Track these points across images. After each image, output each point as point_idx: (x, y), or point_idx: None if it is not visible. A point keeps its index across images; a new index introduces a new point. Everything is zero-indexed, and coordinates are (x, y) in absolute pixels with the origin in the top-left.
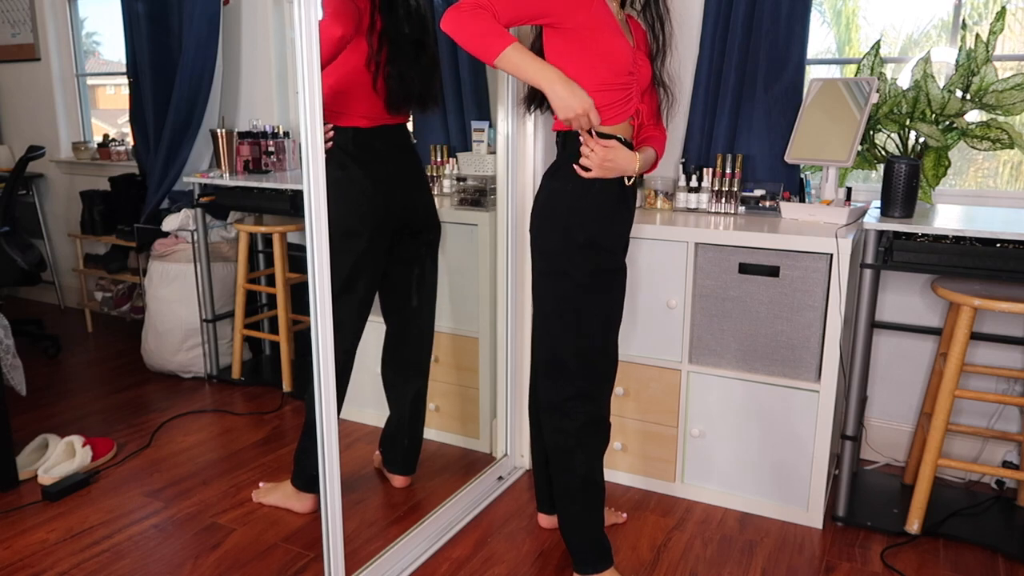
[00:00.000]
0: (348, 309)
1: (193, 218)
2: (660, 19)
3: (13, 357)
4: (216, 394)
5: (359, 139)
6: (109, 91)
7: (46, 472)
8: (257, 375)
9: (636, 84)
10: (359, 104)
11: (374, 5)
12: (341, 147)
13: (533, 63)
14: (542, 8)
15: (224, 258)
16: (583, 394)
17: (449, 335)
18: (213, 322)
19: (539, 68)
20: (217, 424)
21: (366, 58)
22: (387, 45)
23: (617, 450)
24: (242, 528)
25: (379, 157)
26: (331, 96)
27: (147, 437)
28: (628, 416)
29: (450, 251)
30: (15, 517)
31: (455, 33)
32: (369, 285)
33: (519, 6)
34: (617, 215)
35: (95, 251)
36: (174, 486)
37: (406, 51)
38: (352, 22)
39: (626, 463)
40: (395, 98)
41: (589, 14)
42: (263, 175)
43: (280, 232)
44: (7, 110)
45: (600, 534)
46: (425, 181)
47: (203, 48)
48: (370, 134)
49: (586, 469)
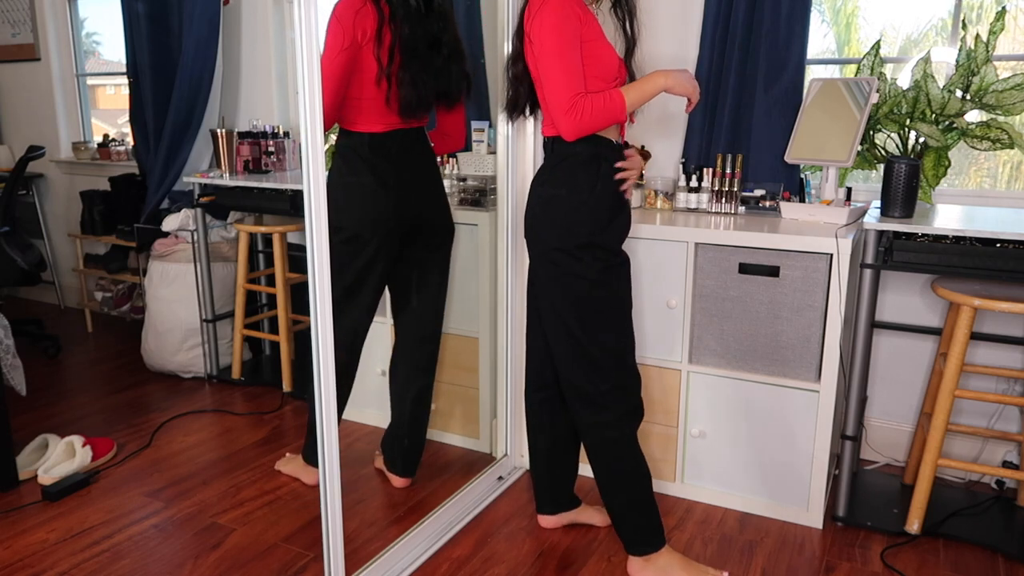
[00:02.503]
0: (354, 312)
1: (193, 218)
2: (630, 15)
3: (13, 357)
4: (216, 394)
5: (374, 143)
6: (109, 91)
7: (46, 472)
8: (257, 375)
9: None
10: (372, 114)
11: (382, 18)
12: (356, 151)
13: (642, 89)
14: (577, 46)
15: (224, 258)
16: (620, 385)
17: (449, 335)
18: (213, 322)
19: (648, 84)
20: (217, 424)
21: (375, 75)
22: (399, 55)
23: None
24: (242, 528)
25: (394, 161)
26: (344, 108)
27: (147, 437)
28: None
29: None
30: (15, 517)
31: (585, 132)
32: (375, 289)
33: (577, 62)
34: (614, 213)
35: (95, 251)
36: (174, 486)
37: (420, 54)
38: (347, 53)
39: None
40: (408, 106)
41: (589, 28)
42: (263, 175)
43: (280, 232)
44: (7, 110)
45: (655, 512)
46: (440, 184)
47: (203, 48)
48: (385, 138)
49: (632, 455)
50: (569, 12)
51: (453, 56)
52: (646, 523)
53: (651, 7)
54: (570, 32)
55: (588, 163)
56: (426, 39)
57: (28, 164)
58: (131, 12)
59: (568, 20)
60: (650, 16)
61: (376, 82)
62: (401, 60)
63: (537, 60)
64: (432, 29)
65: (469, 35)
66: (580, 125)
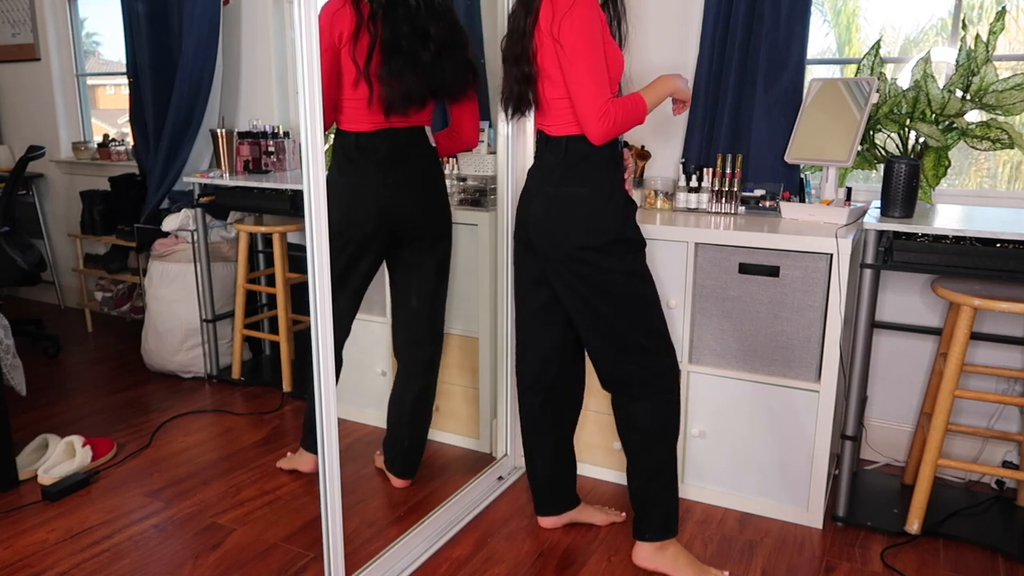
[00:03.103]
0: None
1: (193, 218)
2: (619, 18)
3: (13, 357)
4: (216, 394)
5: (360, 143)
6: (109, 91)
7: (46, 472)
8: (257, 375)
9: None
10: (357, 113)
11: (360, 19)
12: (344, 150)
13: (656, 93)
14: (602, 48)
15: (224, 258)
16: (672, 361)
17: (449, 335)
18: (213, 322)
19: (661, 88)
20: (217, 424)
21: (354, 77)
22: (379, 54)
23: (616, 449)
24: (242, 528)
25: (381, 161)
26: (329, 107)
27: (147, 437)
28: None
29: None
30: (15, 517)
31: (613, 136)
32: (356, 288)
33: (604, 66)
34: (630, 207)
35: (95, 251)
36: (174, 486)
37: (404, 51)
38: (326, 56)
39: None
40: (389, 106)
41: (606, 29)
42: (263, 175)
43: (280, 232)
44: (7, 110)
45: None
46: (437, 186)
47: (203, 48)
48: (373, 137)
49: (677, 436)
50: (596, 15)
51: (447, 48)
52: (675, 505)
53: (651, 7)
54: (598, 35)
55: (608, 162)
56: (412, 35)
57: (28, 164)
58: (131, 12)
59: (596, 23)
60: (650, 16)
61: (355, 83)
62: (380, 59)
63: (568, 63)
64: (421, 23)
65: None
66: (611, 131)
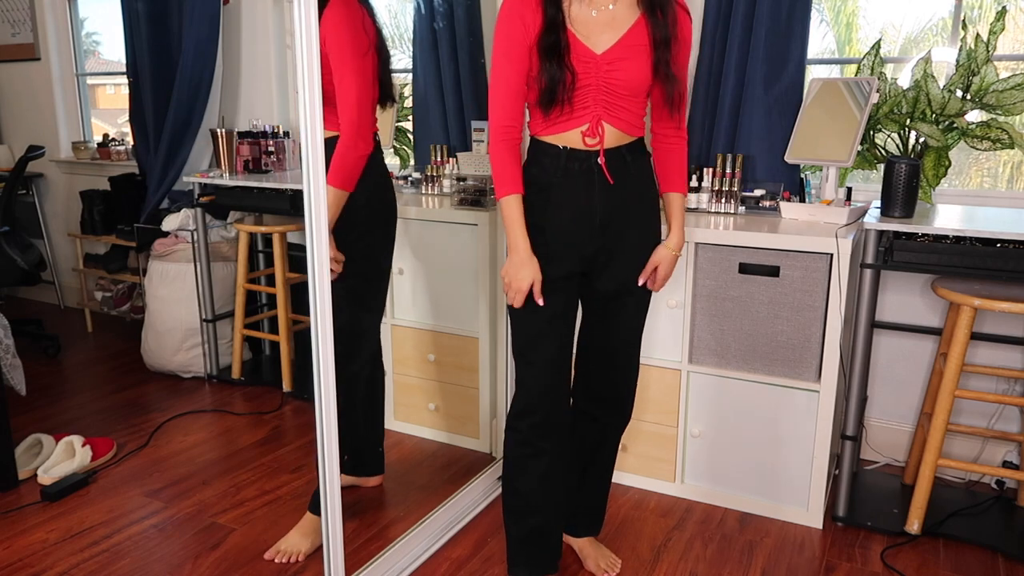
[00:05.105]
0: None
1: (193, 218)
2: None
3: (13, 357)
4: (216, 394)
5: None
6: (109, 91)
7: (46, 472)
8: (257, 375)
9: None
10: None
11: (372, 20)
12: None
13: (512, 223)
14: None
15: (224, 258)
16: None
17: (449, 335)
18: (213, 322)
19: (512, 230)
20: (217, 424)
21: (371, 78)
22: (379, 57)
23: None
24: (242, 528)
25: None
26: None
27: (147, 437)
28: None
29: (450, 251)
30: (15, 517)
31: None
32: None
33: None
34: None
35: (95, 251)
36: (174, 486)
37: (385, 57)
38: (369, 56)
39: (626, 463)
40: (383, 105)
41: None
42: (263, 175)
43: (280, 232)
44: (7, 110)
45: None
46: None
47: (203, 48)
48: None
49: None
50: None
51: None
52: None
53: None
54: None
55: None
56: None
57: (28, 164)
58: (131, 12)
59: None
60: None
61: (372, 84)
62: (380, 63)
63: (685, 62)
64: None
65: (469, 35)
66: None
